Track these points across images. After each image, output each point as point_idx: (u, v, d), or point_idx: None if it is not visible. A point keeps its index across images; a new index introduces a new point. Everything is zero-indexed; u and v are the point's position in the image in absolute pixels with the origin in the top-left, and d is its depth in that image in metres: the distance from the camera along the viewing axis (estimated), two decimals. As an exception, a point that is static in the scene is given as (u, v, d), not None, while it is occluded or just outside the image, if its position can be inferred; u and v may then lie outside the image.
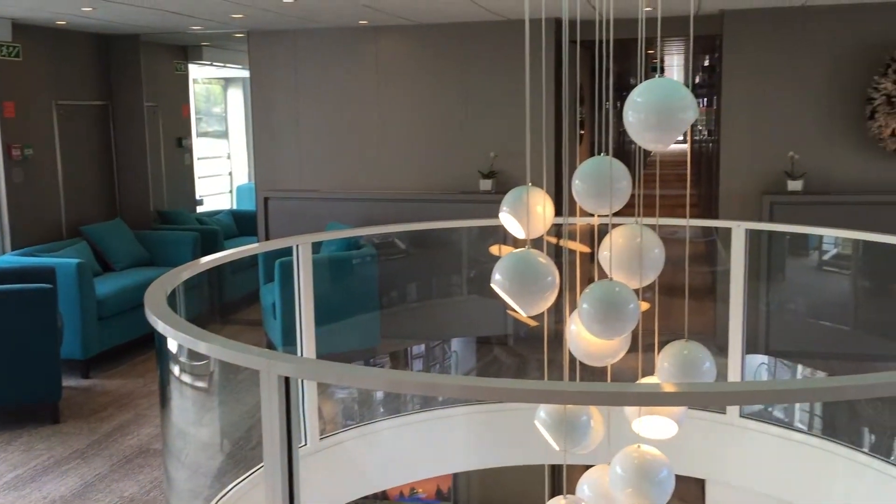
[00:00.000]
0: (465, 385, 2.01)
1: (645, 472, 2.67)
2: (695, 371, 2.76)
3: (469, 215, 5.59)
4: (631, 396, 1.94)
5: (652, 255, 2.71)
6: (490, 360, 6.86)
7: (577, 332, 2.81)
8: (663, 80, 2.42)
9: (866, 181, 6.64)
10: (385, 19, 7.02)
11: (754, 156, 6.85)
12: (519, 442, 3.94)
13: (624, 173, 2.71)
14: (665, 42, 10.48)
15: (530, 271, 2.60)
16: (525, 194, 2.75)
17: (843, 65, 6.62)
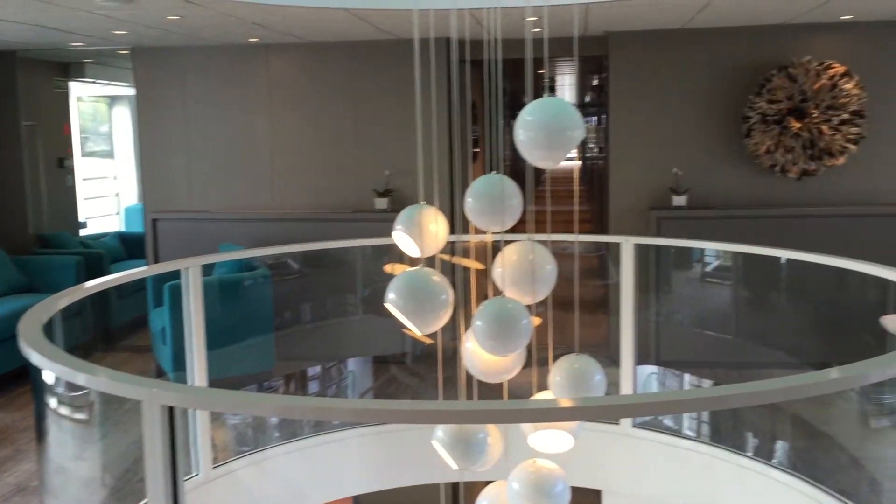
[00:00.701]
0: (359, 409, 1.98)
1: (541, 487, 2.70)
2: (586, 384, 2.82)
3: (365, 234, 5.54)
4: (526, 414, 1.95)
5: (544, 270, 2.75)
6: (387, 379, 6.81)
7: (472, 350, 2.83)
8: (552, 100, 2.47)
9: (745, 196, 6.95)
10: (276, 37, 6.93)
11: (641, 172, 7.08)
12: (417, 461, 3.92)
13: (515, 191, 2.75)
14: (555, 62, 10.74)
15: (424, 290, 2.60)
16: (418, 213, 2.76)
17: (721, 85, 6.93)
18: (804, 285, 6.69)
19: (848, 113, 6.56)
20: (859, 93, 6.56)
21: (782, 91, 6.62)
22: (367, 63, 7.32)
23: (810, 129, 6.61)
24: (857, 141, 6.60)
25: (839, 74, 6.57)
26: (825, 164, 6.65)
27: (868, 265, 3.50)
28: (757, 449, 4.92)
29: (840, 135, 6.58)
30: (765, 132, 6.68)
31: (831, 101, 6.56)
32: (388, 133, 7.26)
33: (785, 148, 6.65)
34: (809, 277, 6.48)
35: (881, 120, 6.71)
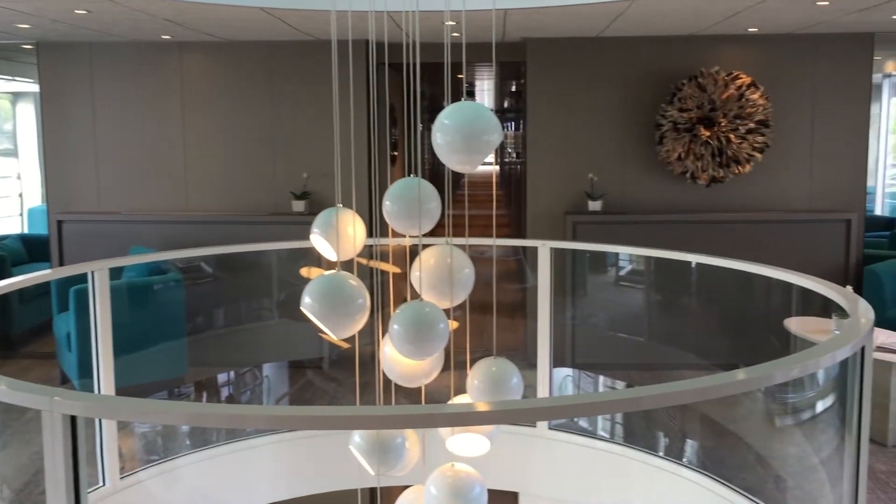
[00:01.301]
0: (274, 415, 1.94)
1: (459, 491, 2.69)
2: (503, 387, 2.83)
3: (282, 237, 5.46)
4: (443, 418, 1.94)
5: (462, 274, 2.75)
6: (304, 384, 6.72)
7: (390, 354, 2.81)
8: (470, 104, 2.47)
9: (658, 201, 7.13)
10: (189, 35, 6.77)
11: (558, 177, 7.19)
12: (333, 467, 3.87)
13: (433, 194, 2.74)
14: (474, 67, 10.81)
15: (341, 294, 2.57)
16: (336, 216, 2.73)
17: (635, 93, 7.09)
18: (713, 289, 6.90)
19: (754, 122, 6.80)
20: (765, 103, 6.80)
21: (692, 100, 6.82)
22: (285, 64, 7.22)
23: (719, 138, 6.82)
24: (763, 149, 6.84)
25: (746, 85, 6.80)
26: (733, 172, 6.87)
27: (773, 269, 3.62)
28: (668, 448, 5.04)
29: (747, 143, 6.81)
30: (676, 140, 6.86)
31: (738, 110, 6.79)
32: (306, 135, 7.18)
33: (695, 155, 6.85)
34: (718, 281, 6.68)
35: (785, 129, 6.97)
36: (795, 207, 7.08)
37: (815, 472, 4.16)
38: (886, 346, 5.29)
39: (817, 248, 6.86)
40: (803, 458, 4.74)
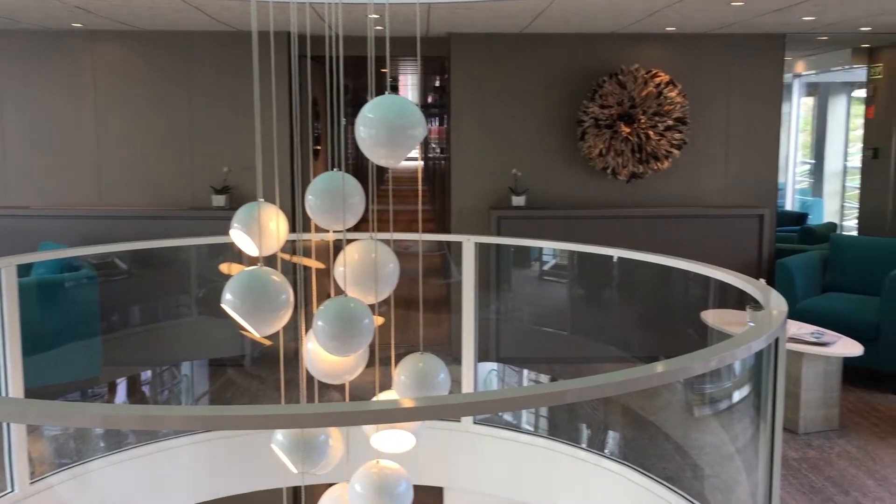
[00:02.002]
0: (193, 416, 1.88)
1: (383, 488, 2.67)
2: (430, 383, 2.81)
3: (201, 232, 5.32)
4: (367, 415, 1.92)
5: (387, 269, 2.73)
6: (224, 382, 6.59)
7: (313, 351, 2.76)
8: (394, 98, 2.44)
9: (580, 197, 7.23)
10: (102, 23, 6.54)
11: (482, 173, 7.21)
12: (256, 467, 3.80)
13: (357, 189, 2.71)
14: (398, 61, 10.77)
15: (263, 290, 2.51)
16: (257, 210, 2.67)
17: (558, 89, 7.17)
18: (634, 283, 7.04)
19: (672, 119, 6.95)
20: (682, 101, 6.96)
21: (613, 97, 6.93)
22: (204, 55, 7.05)
23: (638, 134, 6.95)
24: (681, 146, 7.01)
25: (664, 83, 6.95)
26: (652, 168, 7.02)
27: (690, 263, 3.70)
28: (591, 440, 5.12)
29: (665, 140, 6.96)
30: (597, 136, 6.97)
31: (657, 107, 6.93)
32: (226, 128, 7.03)
33: (616, 151, 6.97)
34: (639, 275, 6.81)
35: (701, 127, 7.16)
36: (711, 203, 7.27)
37: (731, 461, 4.28)
38: (797, 337, 5.48)
39: (732, 242, 7.06)
40: (720, 447, 4.87)
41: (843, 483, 4.77)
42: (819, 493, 4.65)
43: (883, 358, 6.11)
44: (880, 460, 5.06)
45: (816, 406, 5.49)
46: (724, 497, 3.72)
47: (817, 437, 5.43)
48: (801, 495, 4.62)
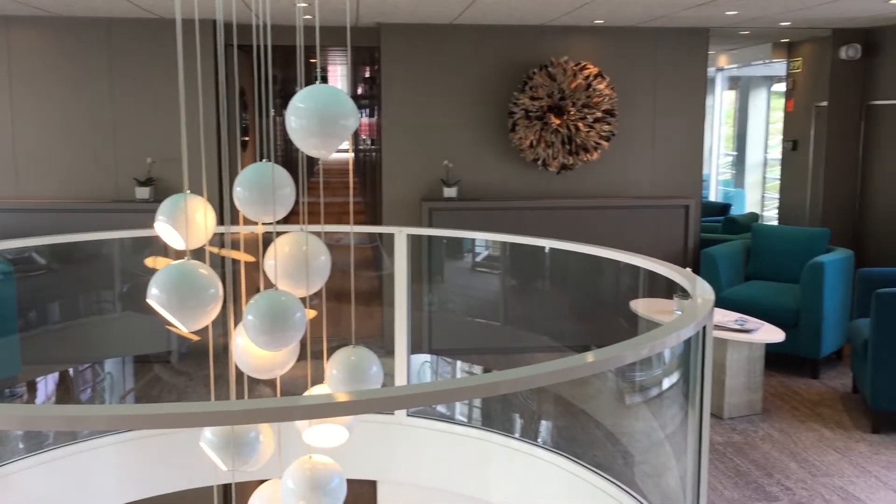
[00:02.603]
0: (116, 415, 1.82)
1: (317, 483, 2.63)
2: (362, 376, 2.79)
3: (125, 225, 5.17)
4: (299, 411, 1.88)
5: (318, 262, 2.69)
6: (150, 379, 6.43)
7: (243, 346, 2.71)
8: (325, 87, 2.40)
9: (511, 188, 7.27)
10: (16, 8, 6.28)
11: (413, 164, 7.19)
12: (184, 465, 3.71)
13: (287, 180, 2.66)
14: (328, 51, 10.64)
15: (190, 284, 2.44)
16: (183, 202, 2.59)
17: (489, 80, 7.19)
18: (565, 273, 7.12)
19: (601, 111, 7.04)
20: (611, 93, 7.06)
21: (543, 88, 6.98)
22: (126, 42, 6.84)
23: (568, 126, 7.02)
24: (609, 138, 7.11)
25: (593, 75, 7.04)
26: (582, 159, 7.10)
27: (620, 253, 3.75)
28: (524, 430, 5.16)
29: (594, 132, 7.05)
30: (528, 127, 7.01)
31: (586, 99, 7.01)
32: (150, 118, 6.83)
33: (546, 143, 7.03)
34: (570, 265, 6.89)
35: (629, 119, 7.27)
36: (639, 194, 7.40)
37: (661, 447, 4.37)
38: (722, 325, 5.63)
39: (659, 232, 7.21)
40: (650, 434, 4.96)
41: (767, 466, 4.91)
42: (744, 476, 4.78)
43: (802, 343, 6.32)
44: (801, 442, 5.23)
45: (740, 391, 5.65)
46: (654, 483, 3.80)
47: (741, 421, 5.59)
48: (726, 479, 4.74)
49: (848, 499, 4.49)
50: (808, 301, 6.27)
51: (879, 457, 5.00)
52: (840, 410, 5.76)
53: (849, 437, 5.31)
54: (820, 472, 4.81)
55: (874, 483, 4.66)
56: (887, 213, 7.39)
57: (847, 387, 6.19)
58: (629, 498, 3.50)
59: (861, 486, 4.62)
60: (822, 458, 4.99)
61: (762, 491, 4.59)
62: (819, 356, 6.35)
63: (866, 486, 4.63)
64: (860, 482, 4.68)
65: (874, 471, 4.81)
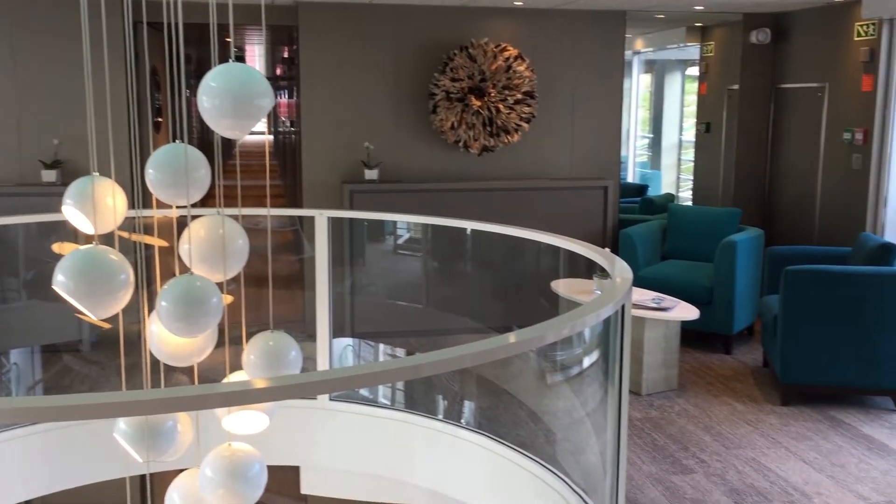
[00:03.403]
0: (22, 407, 1.73)
1: (236, 470, 2.58)
2: (281, 361, 2.74)
3: (29, 209, 4.95)
4: (217, 398, 1.83)
5: (235, 246, 2.62)
6: (60, 369, 6.20)
7: (157, 333, 2.63)
8: (238, 66, 2.33)
9: (433, 170, 7.25)
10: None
11: (334, 146, 7.10)
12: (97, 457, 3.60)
13: (202, 161, 2.58)
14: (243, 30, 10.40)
15: (99, 270, 2.35)
16: (91, 186, 2.49)
17: (409, 61, 7.14)
18: (487, 255, 7.16)
19: (521, 93, 7.08)
20: (530, 75, 7.10)
21: (464, 70, 6.97)
22: (28, 18, 6.53)
23: (489, 108, 7.04)
24: (529, 120, 7.15)
25: (513, 57, 7.06)
26: (503, 141, 7.13)
27: (541, 234, 3.78)
28: (447, 411, 5.18)
29: (515, 114, 7.08)
30: (449, 109, 7.00)
31: (507, 81, 7.03)
32: (56, 98, 6.55)
33: (467, 125, 7.03)
34: (492, 247, 6.93)
35: (549, 101, 7.33)
36: (559, 175, 7.48)
37: (581, 424, 4.44)
38: (640, 304, 5.75)
39: (579, 213, 7.30)
40: (571, 412, 5.05)
41: (683, 439, 5.05)
42: (661, 450, 4.91)
43: (716, 320, 6.51)
44: (715, 416, 5.40)
45: (658, 368, 5.79)
46: (575, 460, 3.86)
47: (659, 397, 5.73)
48: (644, 454, 4.86)
49: (759, 469, 4.65)
50: (721, 279, 6.45)
51: (789, 428, 5.20)
52: (751, 384, 5.96)
53: (760, 409, 5.50)
54: (733, 444, 4.97)
55: (784, 453, 4.85)
56: (794, 192, 7.66)
57: (758, 361, 6.41)
58: (551, 476, 3.55)
59: (772, 457, 4.80)
60: (735, 431, 5.16)
61: (678, 464, 4.72)
62: (731, 332, 6.56)
63: (776, 456, 4.81)
64: (771, 453, 4.85)
65: (784, 442, 5.00)
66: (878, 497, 4.34)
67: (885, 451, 4.86)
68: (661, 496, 4.36)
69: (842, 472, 4.61)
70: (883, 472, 4.61)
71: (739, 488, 4.43)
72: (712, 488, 4.44)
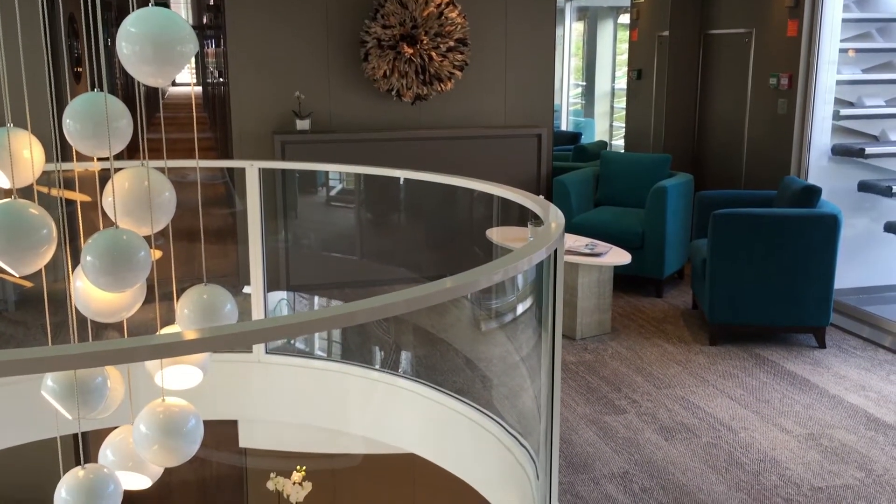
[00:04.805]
0: (-61, 366, 1.67)
1: (171, 425, 2.55)
2: (216, 314, 2.70)
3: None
4: (145, 350, 1.80)
5: (162, 198, 2.55)
6: (-16, 330, 6.03)
7: (83, 289, 2.56)
8: (158, 10, 2.25)
9: (366, 119, 7.16)
10: None
11: (263, 97, 6.94)
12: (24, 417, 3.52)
13: (123, 111, 2.50)
14: (165, -23, 10.02)
15: (18, 224, 2.27)
16: (6, 137, 2.40)
17: (339, 9, 6.98)
18: (421, 205, 7.14)
19: (453, 41, 7.01)
20: (462, 22, 7.03)
21: (395, 17, 6.86)
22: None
23: (421, 55, 6.96)
24: (462, 67, 7.10)
25: (445, 3, 6.97)
26: (436, 90, 7.07)
27: (475, 182, 3.78)
28: (384, 361, 5.20)
29: (447, 61, 7.02)
30: (381, 57, 6.90)
31: (439, 28, 6.95)
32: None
33: (399, 73, 6.94)
34: (426, 197, 6.91)
35: (482, 49, 7.27)
36: (492, 124, 7.47)
37: (516, 369, 4.52)
38: (573, 250, 5.83)
39: (512, 161, 7.32)
40: (506, 357, 5.12)
41: (616, 381, 5.18)
42: (595, 391, 5.03)
43: (647, 264, 6.65)
44: (646, 358, 5.54)
45: (591, 313, 5.90)
46: (511, 403, 3.92)
47: (592, 341, 5.85)
48: (579, 395, 4.97)
49: (689, 407, 4.81)
50: (652, 224, 6.58)
51: (716, 367, 5.38)
52: (681, 326, 6.13)
53: (689, 349, 5.67)
54: (663, 384, 5.12)
55: (712, 391, 5.02)
56: (722, 137, 7.81)
57: (688, 304, 6.58)
58: (487, 420, 3.61)
59: (700, 395, 4.96)
60: (666, 371, 5.31)
61: (612, 405, 4.85)
62: (662, 276, 6.71)
63: (705, 394, 4.98)
64: (699, 391, 5.02)
65: (712, 380, 5.17)
66: (800, 430, 4.54)
67: (807, 387, 5.07)
68: (594, 436, 4.48)
69: (766, 407, 4.80)
70: (805, 406, 4.81)
71: (669, 426, 4.58)
72: (643, 427, 4.58)
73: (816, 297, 5.53)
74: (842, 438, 4.43)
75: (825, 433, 4.49)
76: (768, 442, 4.40)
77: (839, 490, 3.93)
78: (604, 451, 4.32)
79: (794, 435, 4.47)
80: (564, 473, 4.08)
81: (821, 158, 6.63)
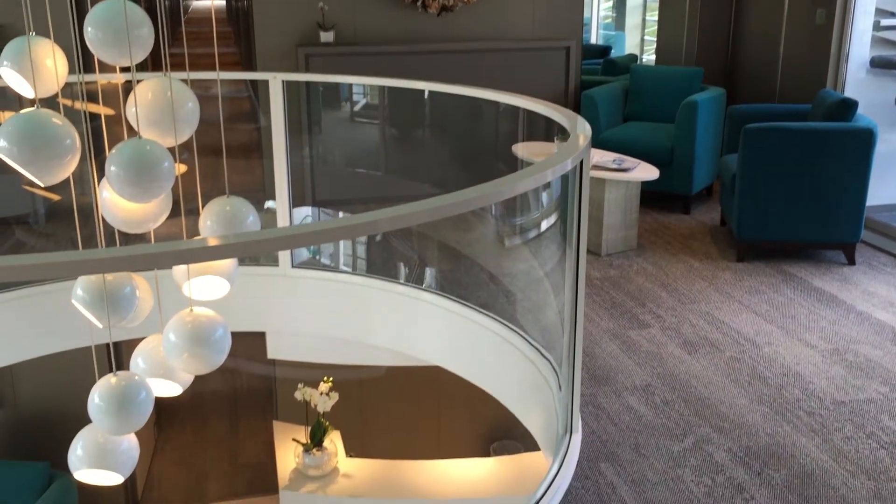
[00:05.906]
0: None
1: (199, 335, 2.59)
2: (239, 225, 2.71)
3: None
4: (170, 256, 1.82)
5: (185, 108, 2.54)
6: (13, 244, 6.11)
7: (110, 200, 2.57)
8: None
9: (390, 31, 7.03)
10: None
11: (286, 9, 6.82)
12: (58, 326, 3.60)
13: (144, 19, 2.46)
14: None
15: (44, 133, 2.27)
16: (28, 46, 2.38)
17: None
18: (446, 120, 7.06)
19: (480, -50, 6.80)
20: (489, -70, 6.80)
21: (420, -75, 6.66)
22: None
23: (447, -34, 6.77)
24: (489, -22, 6.90)
25: (471, -89, 6.74)
26: (462, 1, 6.90)
27: (501, 94, 3.72)
28: (408, 276, 5.24)
29: (473, -28, 6.82)
30: (405, -33, 6.72)
31: (465, -63, 6.74)
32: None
33: (424, -16, 6.77)
34: (451, 112, 6.83)
35: (509, -42, 7.05)
36: (520, 36, 7.30)
37: (540, 284, 4.53)
38: (600, 165, 5.76)
39: (540, 75, 7.18)
40: (530, 273, 5.13)
41: (640, 296, 5.18)
42: (619, 306, 5.04)
43: (675, 181, 6.56)
44: (672, 274, 5.52)
45: (617, 229, 5.86)
46: (534, 317, 3.95)
47: (618, 257, 5.84)
48: (603, 311, 4.99)
49: (713, 322, 4.81)
50: (682, 139, 6.46)
51: (742, 283, 5.35)
52: (708, 242, 6.08)
53: (716, 266, 5.64)
54: (689, 299, 5.12)
55: (737, 307, 5.01)
56: (757, 50, 7.59)
57: (716, 220, 6.52)
58: (511, 333, 3.64)
59: (725, 311, 4.95)
60: (691, 287, 5.30)
61: (636, 319, 4.86)
62: (691, 192, 6.63)
63: (730, 310, 4.97)
64: (724, 307, 5.01)
65: (737, 296, 5.16)
66: (824, 345, 4.53)
67: (835, 303, 5.04)
68: (617, 350, 4.51)
69: (792, 323, 4.78)
70: (831, 322, 4.79)
71: (693, 340, 4.59)
72: (667, 341, 4.59)
73: (848, 214, 5.44)
74: (867, 354, 4.42)
75: (850, 348, 4.48)
76: (792, 357, 4.40)
77: (862, 404, 3.95)
78: (626, 364, 4.35)
79: (819, 350, 4.47)
80: (587, 385, 4.12)
81: (859, 71, 6.43)
